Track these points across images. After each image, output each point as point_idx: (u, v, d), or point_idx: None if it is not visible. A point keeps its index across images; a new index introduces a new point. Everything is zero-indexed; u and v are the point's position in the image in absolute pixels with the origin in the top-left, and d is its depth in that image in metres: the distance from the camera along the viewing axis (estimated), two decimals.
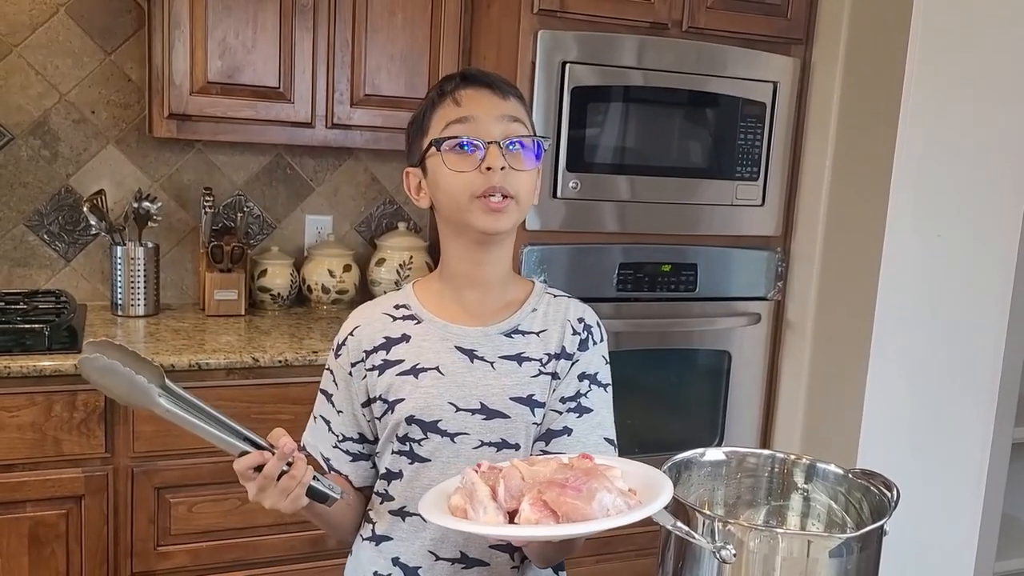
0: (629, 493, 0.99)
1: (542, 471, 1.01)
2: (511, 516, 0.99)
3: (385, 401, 1.26)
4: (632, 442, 2.64)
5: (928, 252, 2.45)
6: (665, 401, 2.77)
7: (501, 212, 1.19)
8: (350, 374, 1.29)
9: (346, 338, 1.31)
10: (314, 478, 1.13)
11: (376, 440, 1.31)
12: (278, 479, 1.11)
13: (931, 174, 2.41)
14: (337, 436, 1.32)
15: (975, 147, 2.43)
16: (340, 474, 1.32)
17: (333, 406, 1.32)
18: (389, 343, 1.28)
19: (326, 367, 1.35)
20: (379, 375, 1.27)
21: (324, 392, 1.34)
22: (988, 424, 2.53)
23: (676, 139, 2.62)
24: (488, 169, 1.17)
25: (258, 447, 1.11)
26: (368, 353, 1.28)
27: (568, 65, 2.39)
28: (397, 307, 1.31)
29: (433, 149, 1.21)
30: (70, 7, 2.54)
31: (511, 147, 1.19)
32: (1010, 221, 2.48)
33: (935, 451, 2.53)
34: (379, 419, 1.28)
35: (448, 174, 1.19)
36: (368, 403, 1.29)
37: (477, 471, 1.03)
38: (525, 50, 2.37)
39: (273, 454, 1.11)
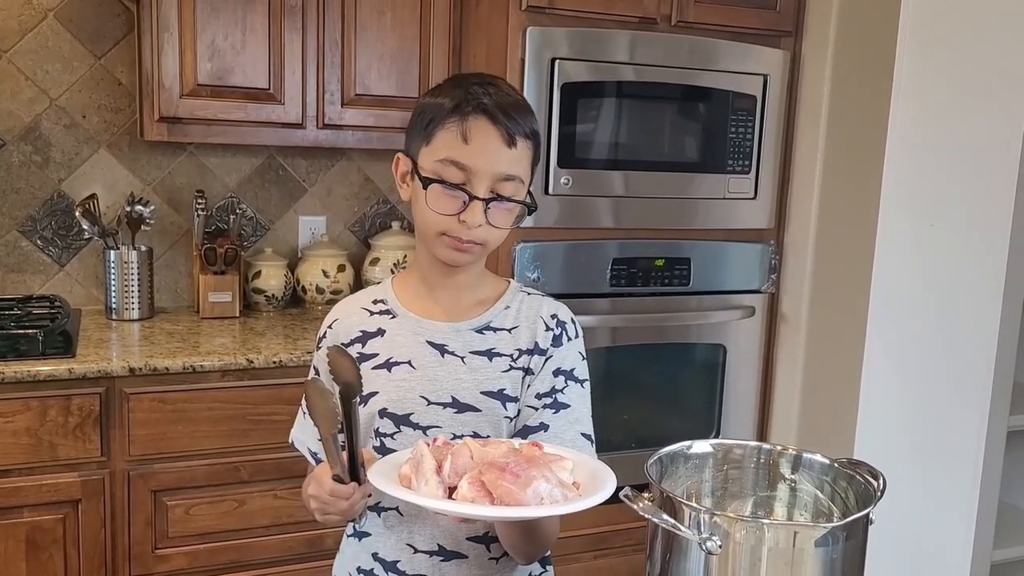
0: (571, 486, 1.01)
1: (492, 452, 1.04)
2: (451, 492, 1.02)
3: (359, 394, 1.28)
4: (629, 437, 2.65)
5: (921, 242, 2.45)
6: (661, 396, 2.78)
7: (465, 252, 1.23)
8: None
9: (326, 331, 1.35)
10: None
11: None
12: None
13: (923, 164, 2.41)
14: None
15: (966, 136, 2.42)
16: None
17: None
18: (365, 336, 1.31)
19: (312, 363, 1.37)
20: None
21: None
22: (983, 412, 2.52)
23: (667, 134, 2.62)
24: (464, 221, 1.19)
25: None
26: (345, 346, 1.31)
27: (558, 61, 2.39)
28: (375, 302, 1.34)
29: (421, 179, 1.22)
30: (59, 12, 2.55)
31: (496, 204, 1.21)
32: (1002, 209, 2.47)
33: (931, 440, 2.53)
34: None
35: (426, 208, 1.21)
36: None
37: (430, 445, 1.06)
38: (514, 47, 2.37)
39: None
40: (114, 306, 2.55)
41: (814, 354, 2.68)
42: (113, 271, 2.54)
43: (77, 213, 2.52)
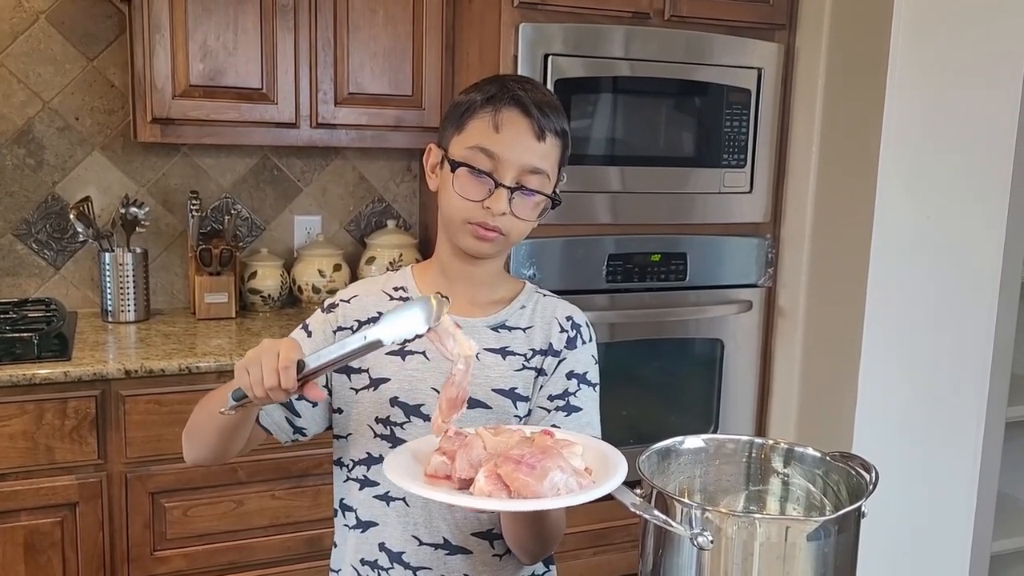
0: (584, 472, 1.02)
1: (505, 442, 1.04)
2: (468, 485, 1.02)
3: (369, 376, 1.28)
4: (628, 433, 2.64)
5: (917, 234, 2.45)
6: (660, 391, 2.77)
7: (488, 241, 1.23)
8: (334, 332, 1.31)
9: (339, 302, 1.34)
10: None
11: (314, 404, 1.29)
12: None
13: (918, 156, 2.41)
14: None
15: (961, 128, 2.42)
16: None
17: None
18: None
19: (304, 322, 1.34)
20: None
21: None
22: (981, 403, 2.52)
23: (662, 128, 2.62)
24: (488, 208, 1.21)
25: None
26: (360, 323, 1.30)
27: (551, 57, 2.38)
28: (396, 288, 1.34)
29: (450, 163, 1.24)
30: (51, 14, 2.54)
31: (521, 195, 1.22)
32: (998, 201, 2.47)
33: (930, 432, 2.53)
34: (356, 391, 1.28)
35: (452, 192, 1.22)
36: (344, 371, 1.29)
37: (445, 435, 1.06)
38: (507, 44, 2.36)
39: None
40: (110, 308, 2.55)
41: (812, 347, 2.68)
42: (108, 273, 2.53)
43: (71, 216, 2.52)
